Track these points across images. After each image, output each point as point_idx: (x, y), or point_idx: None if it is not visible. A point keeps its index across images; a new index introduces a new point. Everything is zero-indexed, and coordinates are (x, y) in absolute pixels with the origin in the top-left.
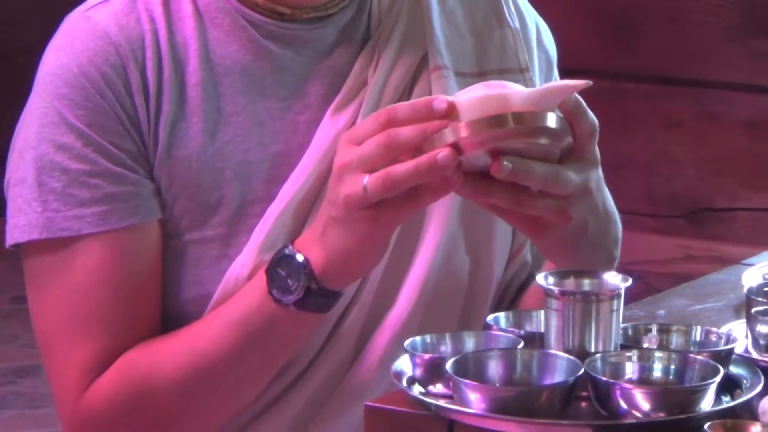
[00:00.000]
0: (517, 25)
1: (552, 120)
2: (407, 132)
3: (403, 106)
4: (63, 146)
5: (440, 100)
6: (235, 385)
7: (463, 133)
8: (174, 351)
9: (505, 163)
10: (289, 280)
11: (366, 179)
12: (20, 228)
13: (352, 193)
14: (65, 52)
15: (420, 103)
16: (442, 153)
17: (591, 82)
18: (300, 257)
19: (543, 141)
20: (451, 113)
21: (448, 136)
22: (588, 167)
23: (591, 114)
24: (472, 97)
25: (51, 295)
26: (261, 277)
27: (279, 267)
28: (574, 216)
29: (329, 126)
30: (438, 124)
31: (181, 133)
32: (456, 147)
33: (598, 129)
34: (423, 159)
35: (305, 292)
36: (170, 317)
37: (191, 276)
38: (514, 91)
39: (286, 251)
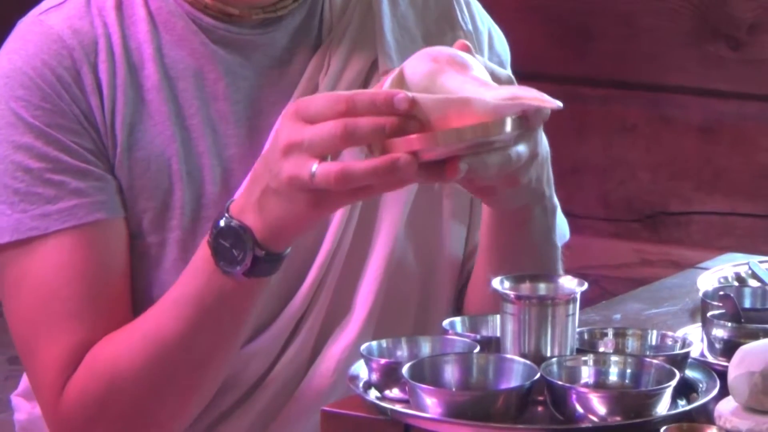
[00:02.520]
0: (470, 28)
1: (510, 125)
2: (365, 126)
3: (363, 96)
4: (22, 146)
5: (401, 97)
6: (194, 367)
7: (425, 144)
8: (131, 340)
9: (461, 166)
10: (234, 251)
11: (315, 166)
12: None
13: (297, 175)
14: (19, 55)
15: (380, 96)
16: (403, 159)
17: (561, 105)
18: (241, 226)
19: (499, 141)
20: (411, 110)
21: (410, 143)
22: (535, 134)
23: (547, 111)
24: (433, 97)
25: (24, 295)
26: (205, 253)
27: (221, 239)
28: (522, 180)
29: None
30: (397, 123)
31: (140, 134)
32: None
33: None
34: (382, 162)
35: (252, 260)
36: (137, 314)
37: (152, 278)
38: (476, 97)
39: (228, 222)
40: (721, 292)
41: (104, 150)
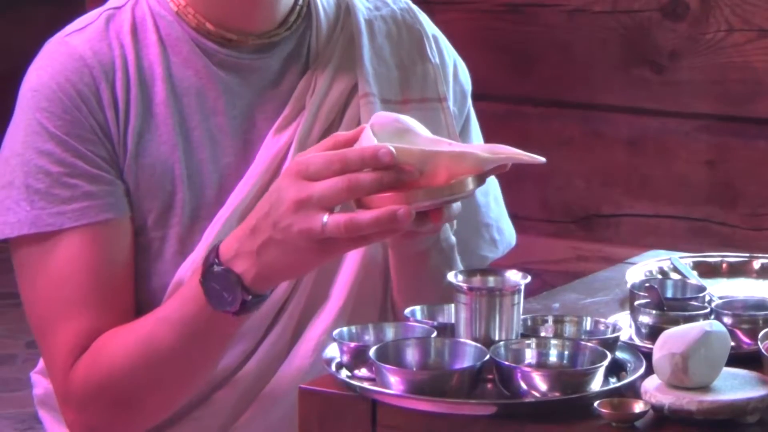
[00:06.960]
0: (438, 61)
1: (471, 184)
2: (366, 181)
3: (353, 154)
4: (45, 152)
5: (384, 152)
6: (182, 373)
7: (398, 201)
8: (128, 341)
9: (445, 213)
10: (224, 293)
11: (326, 218)
12: (10, 225)
13: (309, 228)
14: (46, 71)
15: (367, 152)
16: (401, 211)
17: (544, 160)
18: (232, 274)
19: (460, 196)
20: (393, 162)
21: (383, 200)
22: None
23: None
24: (426, 150)
25: (39, 283)
26: (198, 288)
27: (213, 282)
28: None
29: (272, 144)
30: (393, 177)
31: (147, 143)
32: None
33: None
34: (384, 214)
35: (241, 302)
36: (138, 303)
37: (153, 269)
38: (469, 151)
39: (218, 269)
40: (647, 284)
41: (116, 157)
